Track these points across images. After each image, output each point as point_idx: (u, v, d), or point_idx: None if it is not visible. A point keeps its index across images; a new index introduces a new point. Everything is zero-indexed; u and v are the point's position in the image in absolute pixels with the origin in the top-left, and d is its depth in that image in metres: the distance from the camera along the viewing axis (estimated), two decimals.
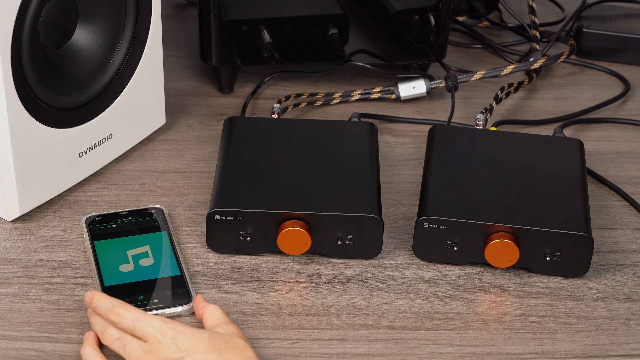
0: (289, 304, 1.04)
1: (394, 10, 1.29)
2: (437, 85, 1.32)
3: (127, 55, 1.15)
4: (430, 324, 1.03)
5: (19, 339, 0.99)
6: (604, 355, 1.00)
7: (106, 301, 0.97)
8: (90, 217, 1.11)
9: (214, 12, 1.27)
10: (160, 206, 1.13)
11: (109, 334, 0.96)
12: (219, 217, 1.06)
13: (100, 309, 0.97)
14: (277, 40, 1.29)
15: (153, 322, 0.95)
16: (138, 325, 0.95)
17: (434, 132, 1.18)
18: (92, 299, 0.98)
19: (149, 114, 1.23)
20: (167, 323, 0.95)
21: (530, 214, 1.06)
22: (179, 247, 1.09)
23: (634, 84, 1.39)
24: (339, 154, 1.14)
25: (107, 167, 1.20)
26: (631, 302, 1.06)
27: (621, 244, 1.13)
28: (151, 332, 0.94)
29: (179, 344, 0.93)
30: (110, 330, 0.96)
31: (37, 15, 1.03)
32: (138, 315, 0.95)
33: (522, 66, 1.33)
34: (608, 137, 1.29)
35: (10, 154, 1.06)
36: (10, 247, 1.09)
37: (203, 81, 1.37)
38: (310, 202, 1.07)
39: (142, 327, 0.95)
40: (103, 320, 0.97)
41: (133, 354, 0.94)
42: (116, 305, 0.96)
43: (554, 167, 1.13)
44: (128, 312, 0.96)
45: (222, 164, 1.12)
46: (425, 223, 1.06)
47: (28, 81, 1.05)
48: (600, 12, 1.47)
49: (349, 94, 1.33)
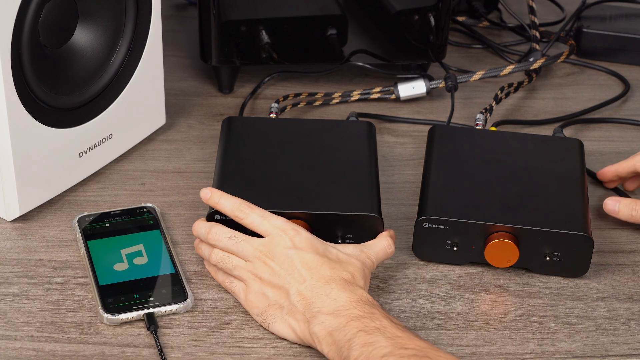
0: None
1: (394, 10, 1.29)
2: (437, 86, 1.32)
3: (127, 55, 1.15)
4: (430, 323, 1.02)
5: (19, 339, 0.99)
6: (604, 355, 1.00)
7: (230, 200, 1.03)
8: (82, 217, 1.11)
9: (214, 12, 1.27)
10: (153, 205, 1.13)
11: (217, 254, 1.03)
12: (219, 217, 1.06)
13: (225, 207, 1.03)
14: (277, 41, 1.29)
15: (277, 220, 1.01)
16: (264, 222, 1.01)
17: (434, 132, 1.18)
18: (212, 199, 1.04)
19: (149, 114, 1.23)
20: (289, 223, 1.01)
21: (530, 214, 1.06)
22: (173, 245, 1.09)
23: (634, 84, 1.39)
24: (338, 153, 1.14)
25: (107, 167, 1.20)
26: (631, 302, 1.06)
27: (621, 244, 1.13)
28: (273, 230, 1.01)
29: (295, 241, 1.00)
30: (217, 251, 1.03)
31: (37, 15, 1.03)
32: (264, 213, 1.02)
33: (522, 66, 1.33)
34: (608, 137, 1.29)
35: (10, 154, 1.06)
36: (10, 247, 1.09)
37: (203, 81, 1.37)
38: (310, 201, 1.07)
39: (266, 224, 1.01)
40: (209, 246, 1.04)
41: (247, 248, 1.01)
42: (242, 203, 1.03)
43: (554, 167, 1.13)
44: (253, 210, 1.02)
45: (221, 164, 1.12)
46: (425, 223, 1.06)
47: (28, 81, 1.05)
48: (600, 12, 1.47)
49: (349, 94, 1.33)
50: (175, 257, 1.07)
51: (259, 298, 1.00)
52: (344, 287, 0.96)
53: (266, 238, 1.01)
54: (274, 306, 0.99)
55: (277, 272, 0.99)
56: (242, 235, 1.02)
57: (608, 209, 1.13)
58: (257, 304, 1.00)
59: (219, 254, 1.03)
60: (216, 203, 1.04)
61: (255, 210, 1.02)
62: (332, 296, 0.96)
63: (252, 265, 1.01)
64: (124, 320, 1.00)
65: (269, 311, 0.99)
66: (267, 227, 1.01)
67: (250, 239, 1.01)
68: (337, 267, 0.98)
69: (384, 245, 1.04)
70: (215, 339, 1.00)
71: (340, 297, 0.95)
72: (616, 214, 1.13)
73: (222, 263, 1.03)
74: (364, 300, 0.96)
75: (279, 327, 0.98)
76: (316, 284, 0.97)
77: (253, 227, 1.02)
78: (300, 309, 0.97)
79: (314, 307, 0.96)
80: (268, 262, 1.00)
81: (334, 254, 1.00)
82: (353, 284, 0.97)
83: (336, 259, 1.00)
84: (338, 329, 0.93)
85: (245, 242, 1.01)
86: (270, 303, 0.99)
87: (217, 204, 1.04)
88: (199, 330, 1.01)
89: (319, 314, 0.95)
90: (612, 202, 1.13)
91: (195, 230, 1.05)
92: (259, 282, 1.00)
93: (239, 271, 1.01)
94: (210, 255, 1.04)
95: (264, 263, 1.00)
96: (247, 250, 1.01)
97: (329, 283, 0.97)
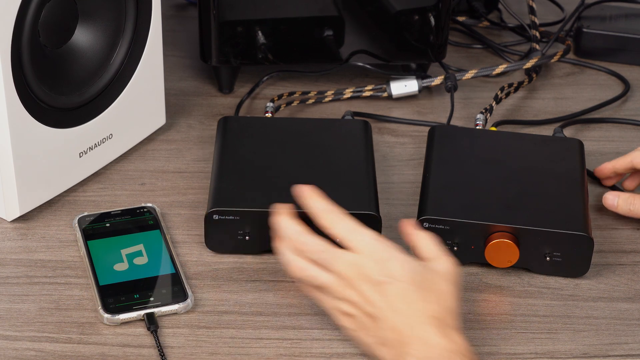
0: (289, 304, 1.04)
1: (394, 10, 1.29)
2: (429, 84, 1.32)
3: (127, 55, 1.15)
4: None
5: (19, 339, 0.99)
6: (604, 355, 1.00)
7: (321, 204, 0.98)
8: (82, 217, 1.11)
9: (214, 12, 1.27)
10: (153, 205, 1.13)
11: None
12: (218, 216, 1.06)
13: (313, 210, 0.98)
14: (277, 41, 1.29)
15: (368, 237, 0.95)
16: (352, 236, 0.95)
17: (434, 132, 1.18)
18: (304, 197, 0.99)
19: (149, 114, 1.23)
20: (381, 242, 0.94)
21: (530, 214, 1.06)
22: (173, 245, 1.09)
23: (634, 84, 1.40)
24: (335, 152, 1.14)
25: (107, 167, 1.20)
26: (631, 302, 1.06)
27: (621, 244, 1.13)
28: (364, 246, 0.94)
29: (387, 268, 0.93)
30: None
31: (37, 15, 1.03)
32: (356, 226, 0.96)
33: (514, 65, 1.33)
34: (608, 137, 1.29)
35: (10, 154, 1.06)
36: (10, 247, 1.09)
37: (203, 81, 1.37)
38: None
39: (355, 238, 0.95)
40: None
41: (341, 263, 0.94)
42: (332, 211, 0.97)
43: (554, 167, 1.13)
44: (344, 221, 0.96)
45: (218, 163, 1.12)
46: (425, 223, 1.06)
47: (28, 81, 1.05)
48: (600, 12, 1.47)
49: (341, 92, 1.33)
50: (175, 257, 1.07)
51: (348, 318, 0.96)
52: (441, 332, 0.91)
53: (358, 256, 0.95)
54: (364, 331, 0.95)
55: (367, 297, 0.93)
56: (334, 249, 0.96)
57: (607, 203, 1.14)
58: (347, 323, 0.96)
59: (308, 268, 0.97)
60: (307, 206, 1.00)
61: (345, 221, 0.97)
62: (427, 341, 0.91)
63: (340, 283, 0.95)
64: (124, 320, 1.00)
65: (359, 333, 0.95)
66: (356, 242, 0.95)
67: (340, 254, 0.95)
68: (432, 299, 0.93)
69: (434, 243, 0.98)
70: (215, 339, 1.00)
71: (436, 344, 0.91)
72: (615, 208, 1.13)
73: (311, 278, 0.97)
74: (460, 353, 0.91)
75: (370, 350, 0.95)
76: (410, 321, 0.92)
77: (341, 239, 0.96)
78: (391, 342, 0.92)
79: (406, 348, 0.91)
80: (357, 286, 0.94)
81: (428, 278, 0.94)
82: (449, 326, 0.92)
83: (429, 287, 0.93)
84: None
85: (336, 257, 0.95)
86: (361, 327, 0.95)
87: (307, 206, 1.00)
88: (199, 330, 1.01)
89: (409, 357, 0.91)
90: (612, 196, 1.14)
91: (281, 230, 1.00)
92: (347, 304, 0.95)
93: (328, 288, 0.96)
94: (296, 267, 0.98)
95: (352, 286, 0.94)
96: (338, 267, 0.95)
97: (425, 323, 0.91)
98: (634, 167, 1.16)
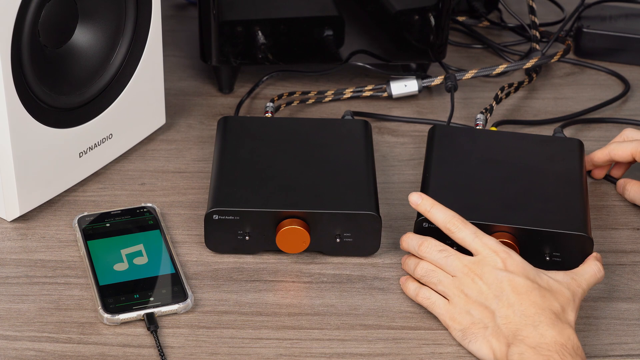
0: (289, 304, 1.04)
1: (394, 10, 1.29)
2: (429, 84, 1.32)
3: (127, 55, 1.15)
4: (430, 324, 1.02)
5: (19, 339, 0.99)
6: (604, 355, 1.00)
7: (443, 211, 1.03)
8: (82, 217, 1.11)
9: (214, 13, 1.27)
10: (153, 205, 1.13)
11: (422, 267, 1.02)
12: (217, 216, 1.06)
13: (437, 218, 1.03)
14: (277, 41, 1.29)
15: (489, 240, 1.00)
16: (476, 240, 1.00)
17: (434, 132, 1.18)
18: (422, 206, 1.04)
19: (149, 114, 1.23)
20: (501, 245, 1.00)
21: (530, 214, 1.06)
22: (173, 245, 1.09)
23: (634, 84, 1.39)
24: (335, 152, 1.14)
25: (107, 167, 1.20)
26: (631, 302, 1.06)
27: (621, 244, 1.13)
28: (484, 249, 1.00)
29: (506, 263, 0.98)
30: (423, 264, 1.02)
31: (37, 15, 1.03)
32: (476, 231, 1.01)
33: (514, 65, 1.33)
34: (608, 137, 1.29)
35: (10, 154, 1.06)
36: (10, 247, 1.09)
37: (203, 81, 1.37)
38: (308, 200, 1.07)
39: (478, 242, 1.00)
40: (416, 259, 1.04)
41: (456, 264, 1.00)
42: (455, 217, 1.02)
43: (554, 167, 1.13)
44: (466, 226, 1.01)
45: (218, 163, 1.12)
46: (425, 223, 1.06)
47: (28, 81, 1.05)
48: (600, 12, 1.47)
49: (341, 92, 1.33)
50: (175, 257, 1.07)
51: (463, 315, 0.99)
52: (553, 323, 0.94)
53: (477, 256, 1.00)
54: (478, 325, 0.98)
55: (484, 291, 0.98)
56: (453, 250, 1.01)
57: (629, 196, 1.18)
58: (460, 320, 0.99)
59: (424, 267, 1.02)
60: (427, 211, 1.03)
61: (468, 226, 1.01)
62: (539, 329, 0.94)
63: (458, 281, 1.00)
64: (124, 320, 1.00)
65: (471, 329, 0.98)
66: (478, 245, 1.00)
67: (460, 255, 1.01)
68: (548, 295, 0.96)
69: (594, 271, 1.02)
70: (215, 339, 1.00)
71: (547, 333, 0.94)
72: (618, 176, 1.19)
73: (427, 277, 1.02)
74: (569, 347, 0.93)
75: (479, 346, 0.97)
76: (525, 311, 0.95)
77: (464, 243, 1.01)
78: (504, 332, 0.95)
79: (519, 334, 0.94)
80: (476, 281, 0.98)
81: (545, 280, 0.98)
82: (562, 320, 0.95)
83: (547, 287, 0.97)
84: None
85: (455, 258, 1.00)
86: (475, 321, 0.98)
87: (428, 212, 1.03)
88: (199, 330, 1.01)
89: (521, 343, 0.94)
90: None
91: (406, 243, 1.04)
92: (464, 299, 0.99)
93: (444, 286, 1.00)
94: (416, 268, 1.03)
95: (472, 280, 0.99)
96: (455, 266, 1.00)
97: (538, 314, 0.95)
98: (612, 159, 1.18)
